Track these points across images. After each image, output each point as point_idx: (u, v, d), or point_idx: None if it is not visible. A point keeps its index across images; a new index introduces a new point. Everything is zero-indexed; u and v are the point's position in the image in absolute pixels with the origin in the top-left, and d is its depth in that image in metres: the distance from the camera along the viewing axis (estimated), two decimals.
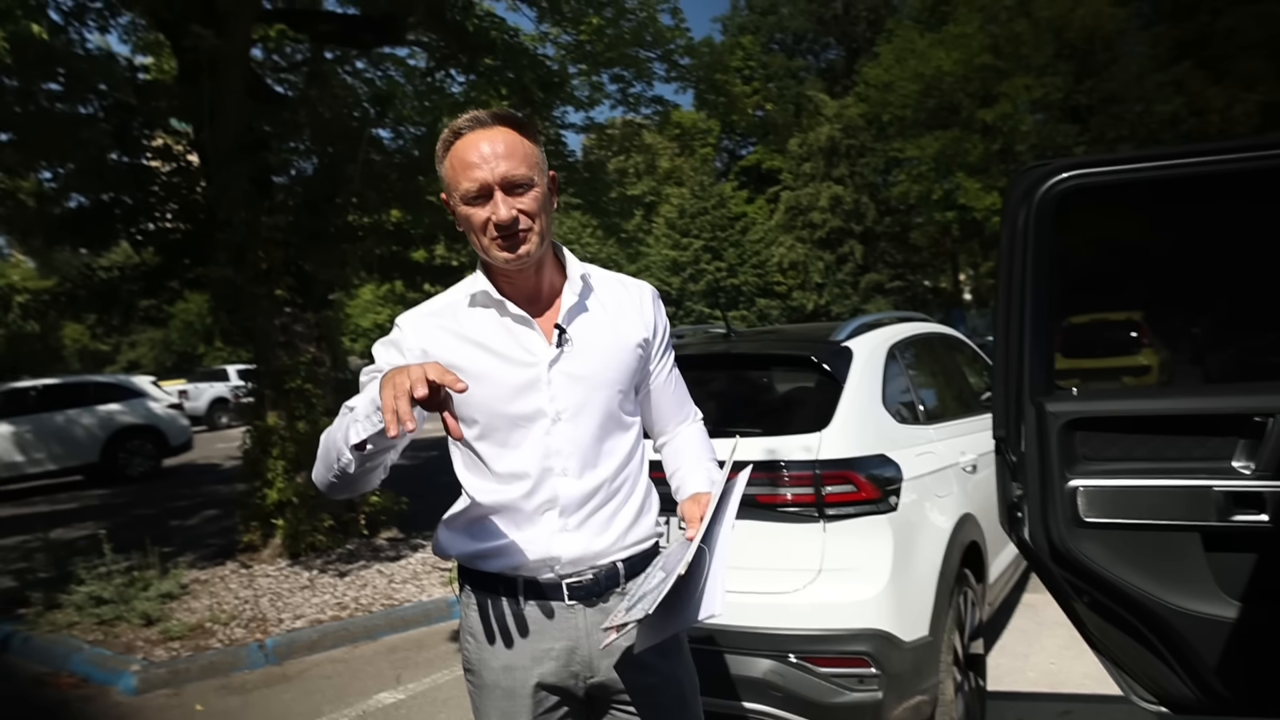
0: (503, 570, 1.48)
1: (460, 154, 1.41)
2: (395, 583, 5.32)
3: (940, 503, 2.97)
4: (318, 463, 1.42)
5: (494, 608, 1.50)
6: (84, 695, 4.10)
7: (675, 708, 1.56)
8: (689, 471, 1.62)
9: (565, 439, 1.46)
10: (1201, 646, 1.90)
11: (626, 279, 1.63)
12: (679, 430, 1.71)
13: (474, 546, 1.49)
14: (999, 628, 4.20)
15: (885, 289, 32.27)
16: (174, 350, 33.26)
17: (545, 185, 1.45)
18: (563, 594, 1.48)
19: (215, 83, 5.77)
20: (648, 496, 1.59)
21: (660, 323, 1.62)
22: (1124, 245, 2.30)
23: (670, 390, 1.67)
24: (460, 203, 1.42)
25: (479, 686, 1.53)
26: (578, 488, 1.47)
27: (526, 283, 1.49)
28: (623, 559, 1.52)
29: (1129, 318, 2.45)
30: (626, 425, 1.56)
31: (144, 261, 6.66)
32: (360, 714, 3.71)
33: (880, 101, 31.14)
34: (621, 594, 1.51)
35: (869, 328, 3.32)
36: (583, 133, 9.31)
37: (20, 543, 7.59)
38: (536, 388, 1.45)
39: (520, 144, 1.42)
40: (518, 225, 1.40)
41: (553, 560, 1.46)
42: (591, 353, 1.49)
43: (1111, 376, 2.59)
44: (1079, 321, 2.50)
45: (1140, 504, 1.91)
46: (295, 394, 5.87)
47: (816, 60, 42.70)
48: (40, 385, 11.56)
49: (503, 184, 1.39)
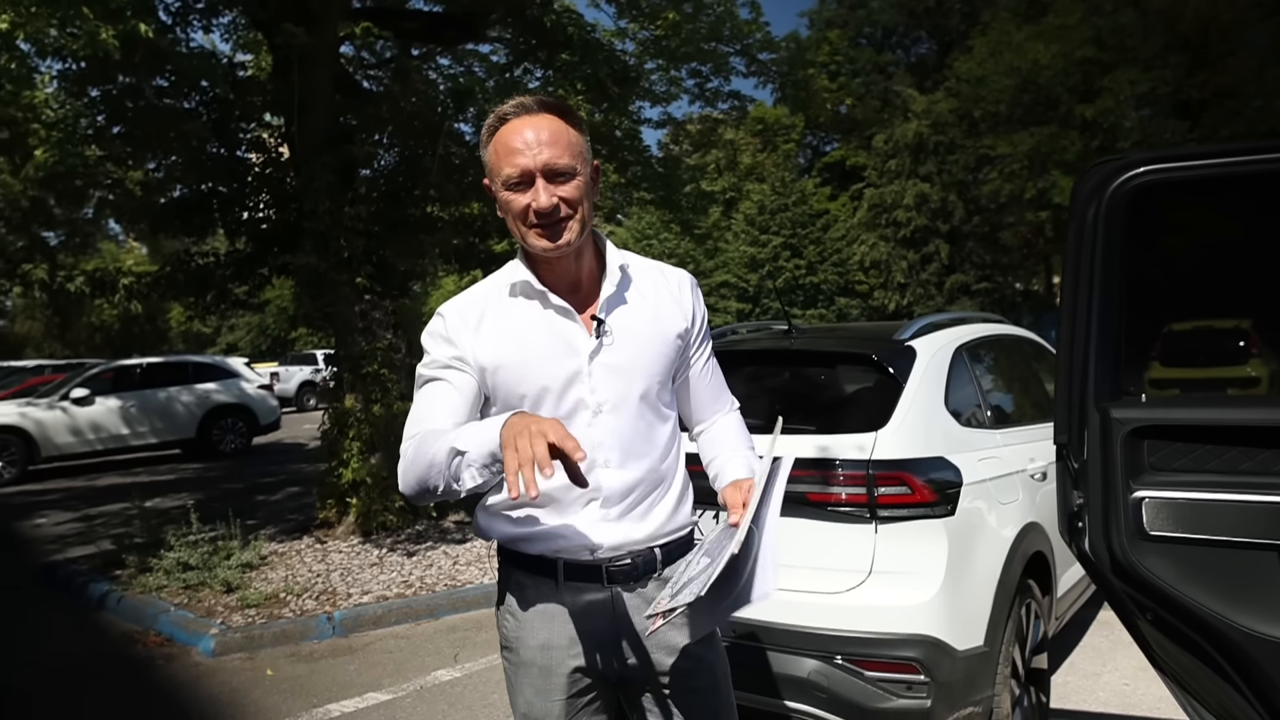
0: (544, 553, 1.50)
1: (504, 139, 1.41)
2: (459, 564, 5.47)
3: (1004, 510, 2.86)
4: (407, 470, 1.39)
5: (534, 588, 1.52)
6: (167, 654, 4.36)
7: (708, 693, 1.56)
8: (727, 460, 1.62)
9: (607, 430, 1.47)
10: (1275, 673, 1.79)
11: (666, 267, 1.63)
12: (716, 420, 1.70)
13: (515, 530, 1.51)
14: (1070, 644, 4.03)
15: (971, 290, 31.19)
16: (269, 334, 34.89)
17: (588, 174, 1.45)
18: (602, 577, 1.49)
19: (305, 78, 6.02)
20: (685, 487, 1.60)
21: (699, 311, 1.62)
22: (1230, 247, 2.16)
23: (707, 380, 1.67)
24: (501, 188, 1.42)
25: (515, 664, 1.55)
26: (620, 478, 1.48)
27: (566, 271, 1.50)
28: (660, 545, 1.53)
29: (1237, 325, 2.30)
30: (665, 416, 1.56)
31: (237, 249, 7.01)
32: (418, 689, 3.83)
33: (972, 96, 30.08)
34: (660, 580, 1.52)
35: (936, 328, 3.23)
36: (659, 128, 9.33)
37: (121, 509, 8.12)
38: (578, 380, 1.46)
39: (565, 131, 1.42)
40: (558, 213, 1.40)
41: (593, 546, 1.48)
42: (630, 344, 1.50)
43: (1215, 388, 2.44)
44: (1181, 328, 2.37)
45: (1211, 519, 1.81)
46: (372, 378, 6.08)
47: (906, 55, 41.53)
48: (145, 363, 12.32)
49: (545, 171, 1.39)
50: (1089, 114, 26.23)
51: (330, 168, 5.96)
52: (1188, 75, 25.81)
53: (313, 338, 24.55)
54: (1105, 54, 26.38)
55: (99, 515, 8.04)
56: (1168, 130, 25.73)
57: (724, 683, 1.60)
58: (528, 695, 1.53)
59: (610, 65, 6.71)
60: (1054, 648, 3.82)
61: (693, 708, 1.55)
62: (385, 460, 6.08)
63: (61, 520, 7.93)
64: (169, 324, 28.91)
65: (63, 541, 6.93)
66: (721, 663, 1.61)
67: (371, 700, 3.72)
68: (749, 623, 2.62)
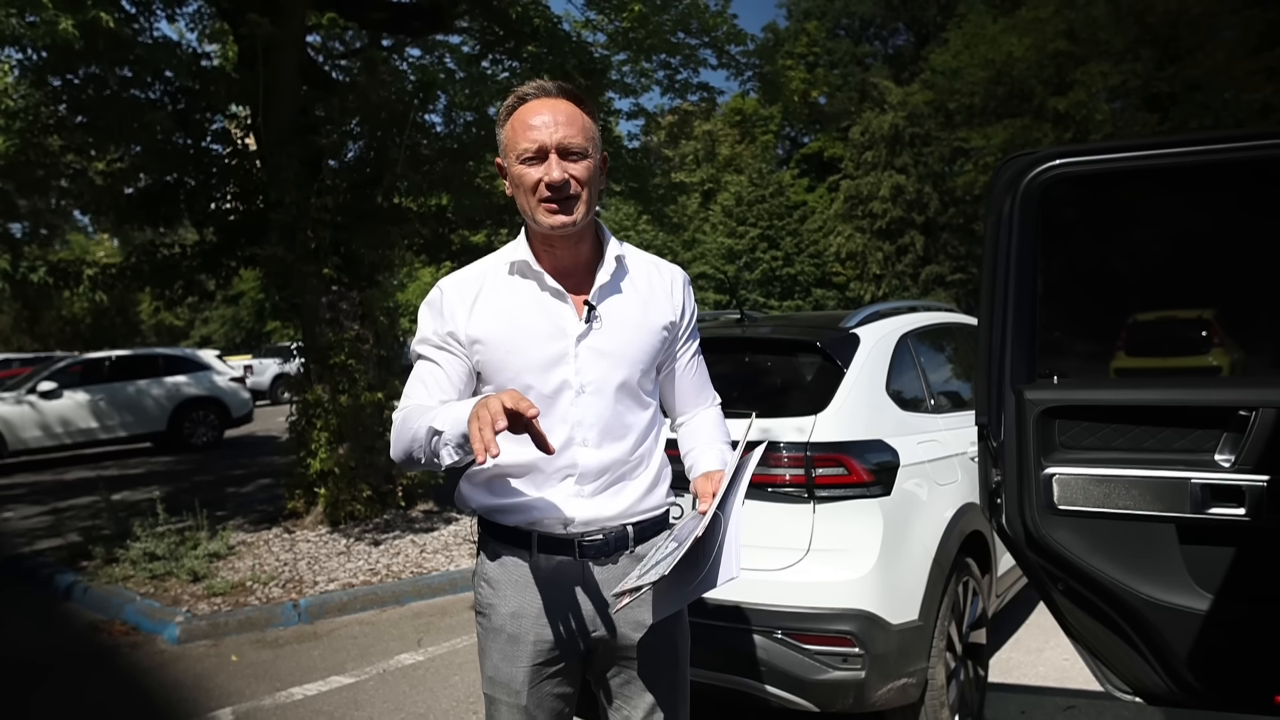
0: (519, 524, 1.57)
1: (523, 116, 1.50)
2: (426, 552, 5.52)
3: (941, 491, 2.97)
4: (395, 442, 1.50)
5: (509, 558, 1.60)
6: (132, 642, 4.39)
7: (668, 667, 1.65)
8: (703, 452, 1.69)
9: (588, 411, 1.54)
10: (1174, 638, 1.90)
11: (660, 262, 1.70)
12: (697, 413, 1.78)
13: (493, 501, 1.59)
14: (1015, 622, 4.16)
15: (947, 281, 31.50)
16: (243, 327, 34.57)
17: (598, 160, 1.54)
18: (574, 550, 1.57)
19: (270, 69, 6.02)
20: (661, 470, 1.67)
21: (689, 308, 1.70)
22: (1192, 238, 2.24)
23: (691, 374, 1.74)
24: (516, 162, 1.50)
25: (486, 629, 1.63)
26: (596, 458, 1.55)
27: (565, 254, 1.57)
28: (633, 523, 1.61)
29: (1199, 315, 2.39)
30: (645, 403, 1.63)
31: (204, 240, 6.99)
32: (381, 672, 3.89)
33: (947, 89, 30.34)
34: (631, 556, 1.60)
35: (881, 316, 3.33)
36: (631, 119, 9.37)
37: (90, 502, 8.08)
38: (564, 360, 1.54)
39: (580, 116, 1.51)
40: (569, 189, 1.48)
41: (566, 520, 1.55)
42: (618, 331, 1.57)
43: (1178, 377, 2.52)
44: (1145, 319, 2.46)
45: (1115, 494, 1.91)
46: (339, 369, 6.11)
47: (884, 46, 41.76)
48: (113, 356, 12.19)
49: (559, 148, 1.47)
50: (1062, 106, 26.54)
51: (297, 158, 5.96)
52: (1158, 68, 26.17)
53: (287, 331, 24.37)
54: (1078, 47, 26.69)
55: (66, 508, 8.01)
56: (1138, 123, 26.07)
57: (684, 658, 1.70)
58: (495, 660, 1.60)
59: (578, 57, 6.74)
60: (998, 625, 3.96)
61: (654, 681, 1.64)
62: (353, 450, 6.12)
63: (28, 514, 7.89)
64: (140, 317, 28.59)
65: (29, 535, 6.90)
66: (684, 640, 1.70)
67: (335, 683, 3.78)
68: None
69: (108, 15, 4.84)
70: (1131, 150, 1.93)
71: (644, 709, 1.64)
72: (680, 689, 1.69)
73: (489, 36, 7.29)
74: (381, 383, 6.38)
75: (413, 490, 6.57)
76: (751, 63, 8.33)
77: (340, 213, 6.17)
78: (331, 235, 6.09)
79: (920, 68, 34.29)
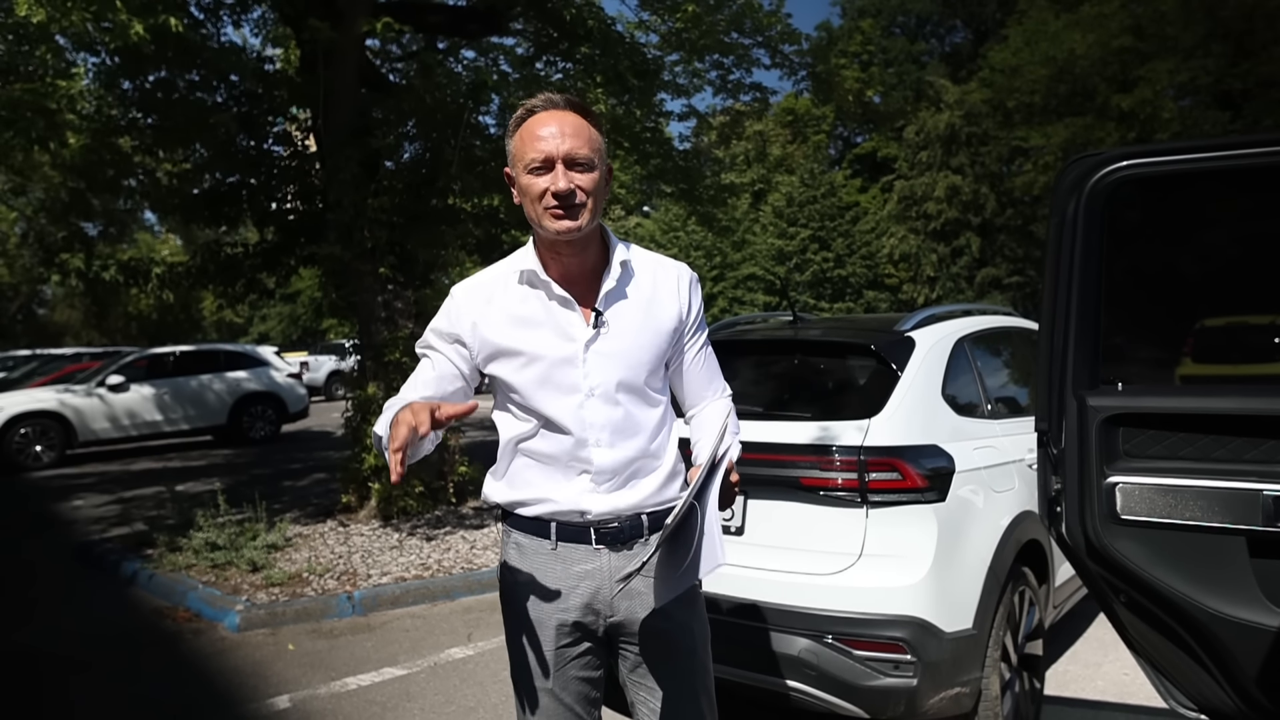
0: (538, 515, 1.64)
1: (531, 128, 1.54)
2: (476, 548, 5.60)
3: (998, 498, 2.90)
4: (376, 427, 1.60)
5: (529, 546, 1.66)
6: (195, 629, 4.54)
7: (684, 655, 1.68)
8: (701, 443, 1.73)
9: (598, 413, 1.59)
10: (1243, 655, 1.83)
11: (666, 261, 1.73)
12: (705, 405, 1.81)
13: (513, 495, 1.66)
14: (1074, 634, 4.05)
15: (1003, 284, 30.78)
16: (300, 324, 35.45)
17: (603, 171, 1.58)
18: (590, 538, 1.62)
19: (330, 72, 6.17)
20: (675, 465, 1.70)
21: (695, 305, 1.73)
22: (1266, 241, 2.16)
23: (700, 368, 1.77)
24: (524, 172, 1.54)
25: (510, 616, 1.69)
26: (610, 457, 1.60)
27: (572, 261, 1.61)
28: (647, 512, 1.65)
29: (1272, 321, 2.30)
30: (655, 401, 1.67)
31: (265, 239, 7.20)
32: (432, 665, 3.96)
33: (1006, 87, 29.65)
34: (645, 544, 1.64)
35: (937, 319, 3.27)
36: (683, 120, 9.38)
37: (154, 493, 8.39)
38: (573, 365, 1.58)
39: (586, 128, 1.55)
40: (574, 198, 1.52)
41: (583, 511, 1.61)
42: (625, 335, 1.62)
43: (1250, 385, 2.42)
44: (1213, 324, 2.38)
45: (1182, 504, 1.85)
46: (393, 366, 6.23)
47: (941, 44, 41.00)
48: (177, 351, 12.63)
49: (565, 159, 1.52)
50: (1126, 104, 25.74)
51: (355, 160, 6.10)
52: (1230, 65, 25.17)
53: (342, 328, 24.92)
54: (1144, 43, 25.85)
55: (133, 498, 8.32)
56: (1208, 121, 25.12)
57: (702, 646, 1.71)
58: (520, 644, 1.66)
59: (631, 58, 6.77)
60: (1056, 637, 3.85)
61: (669, 669, 1.67)
62: None
63: (97, 503, 8.22)
64: (202, 314, 29.53)
65: (98, 522, 7.19)
66: (702, 627, 1.72)
67: (387, 675, 3.86)
68: (742, 600, 2.70)
69: (176, 20, 5.02)
70: (1202, 151, 1.86)
71: (662, 697, 1.67)
72: (698, 679, 1.70)
73: (543, 38, 7.36)
74: None
75: (464, 487, 6.67)
76: (805, 62, 8.26)
77: (396, 213, 6.30)
78: (388, 235, 6.22)
79: (978, 65, 33.57)
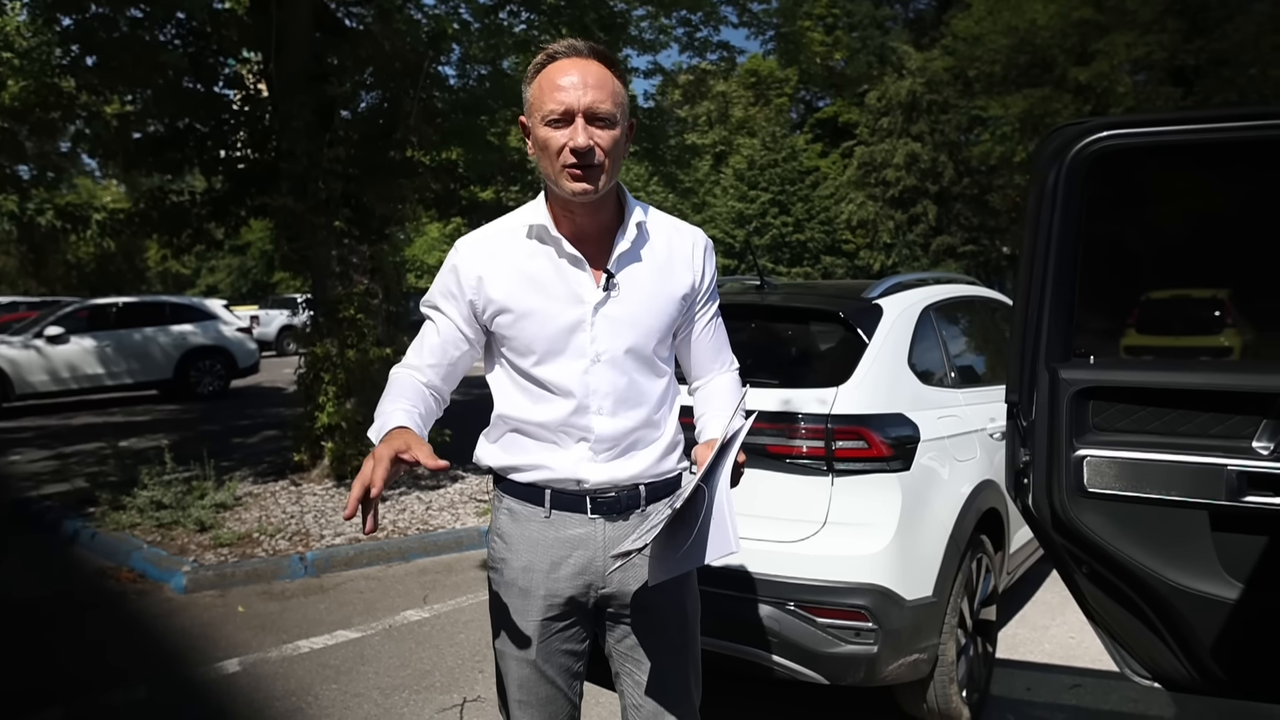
0: (533, 481, 1.57)
1: (551, 76, 1.43)
2: (432, 510, 5.53)
3: (960, 467, 2.93)
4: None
5: (522, 513, 1.59)
6: (140, 589, 4.41)
7: (675, 630, 1.65)
8: (711, 419, 1.66)
9: (603, 379, 1.52)
10: (1199, 626, 1.87)
11: (682, 225, 1.65)
12: (712, 377, 1.74)
13: (508, 460, 1.59)
14: (1023, 599, 4.16)
15: (958, 252, 31.20)
16: (250, 277, 34.48)
17: (624, 128, 1.48)
18: (586, 507, 1.56)
19: (283, 13, 5.88)
20: (674, 438, 1.65)
21: (709, 273, 1.66)
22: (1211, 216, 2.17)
23: (709, 338, 1.70)
24: (540, 124, 1.44)
25: (498, 584, 1.63)
26: (610, 425, 1.54)
27: (585, 220, 1.52)
28: (645, 484, 1.59)
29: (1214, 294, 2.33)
30: (661, 371, 1.61)
31: (214, 188, 6.89)
32: (387, 628, 3.91)
33: (968, 56, 29.72)
34: (641, 515, 1.59)
35: (904, 287, 3.26)
36: (648, 78, 9.20)
37: (96, 449, 8.09)
38: (580, 329, 1.51)
39: (610, 80, 1.44)
40: (593, 157, 1.42)
41: (580, 480, 1.55)
42: (636, 299, 1.54)
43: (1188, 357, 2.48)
44: (1159, 297, 2.40)
45: (1148, 478, 1.87)
46: (348, 323, 6.06)
47: (905, 10, 40.87)
48: (120, 303, 12.15)
49: (587, 113, 1.41)
50: (1083, 77, 26.00)
51: (309, 107, 5.85)
52: (1184, 40, 25.56)
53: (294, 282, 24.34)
54: (1104, 15, 26.05)
55: (73, 454, 8.04)
56: (1161, 97, 25.56)
57: (693, 621, 1.69)
58: (506, 614, 1.60)
59: (597, 10, 6.58)
60: (1006, 601, 3.95)
61: (660, 643, 1.63)
62: (360, 405, 6.09)
63: (35, 458, 7.93)
64: (147, 264, 28.52)
65: (36, 479, 6.94)
66: (694, 604, 1.69)
67: (341, 637, 3.80)
68: (708, 567, 2.68)
69: None
70: (1188, 123, 1.85)
71: (651, 671, 1.63)
72: (688, 653, 1.68)
73: None
74: (390, 338, 6.34)
75: None
76: (772, 21, 8.13)
77: (352, 164, 6.07)
78: (343, 187, 5.99)
79: (941, 33, 33.57)
